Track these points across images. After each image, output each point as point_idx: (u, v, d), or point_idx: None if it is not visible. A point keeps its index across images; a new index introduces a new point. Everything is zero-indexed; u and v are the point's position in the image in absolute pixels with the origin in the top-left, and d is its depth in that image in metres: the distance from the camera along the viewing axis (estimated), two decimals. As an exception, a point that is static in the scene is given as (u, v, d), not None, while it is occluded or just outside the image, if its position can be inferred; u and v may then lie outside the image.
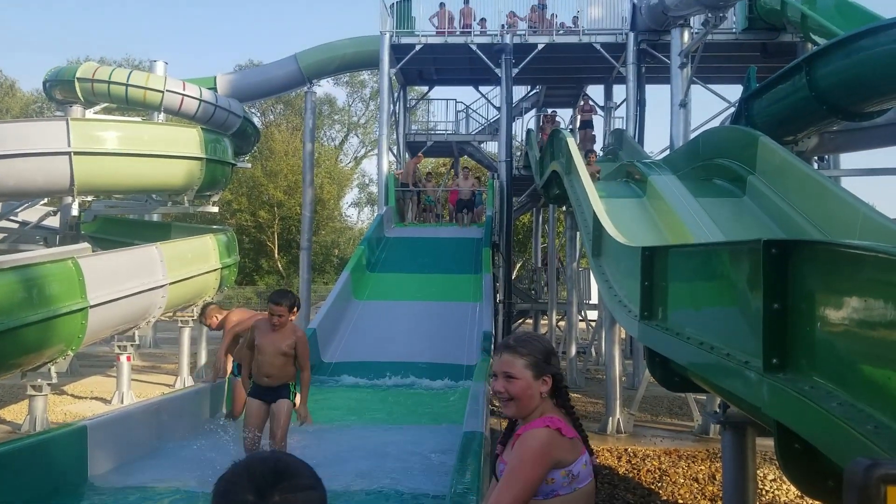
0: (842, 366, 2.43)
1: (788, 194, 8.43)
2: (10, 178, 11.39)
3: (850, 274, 2.44)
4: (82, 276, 8.62)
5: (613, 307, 6.29)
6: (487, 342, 11.19)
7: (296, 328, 5.84)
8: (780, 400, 2.64)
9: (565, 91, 24.35)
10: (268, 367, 5.65)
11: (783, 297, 2.80)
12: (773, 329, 2.80)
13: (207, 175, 13.54)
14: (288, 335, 5.66)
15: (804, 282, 2.72)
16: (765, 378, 2.78)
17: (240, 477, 1.21)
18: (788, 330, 2.79)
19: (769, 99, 11.46)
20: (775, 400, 2.69)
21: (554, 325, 18.36)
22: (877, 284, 2.24)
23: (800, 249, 2.77)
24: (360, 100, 49.97)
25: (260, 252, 44.71)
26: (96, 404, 10.73)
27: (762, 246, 2.85)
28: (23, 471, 4.43)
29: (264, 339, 5.66)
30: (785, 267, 2.82)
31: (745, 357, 3.11)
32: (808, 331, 2.66)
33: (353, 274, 13.33)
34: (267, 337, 5.65)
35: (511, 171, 19.57)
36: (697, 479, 7.35)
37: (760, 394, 2.83)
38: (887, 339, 2.15)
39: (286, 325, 5.67)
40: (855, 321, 2.37)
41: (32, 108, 43.75)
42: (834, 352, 2.50)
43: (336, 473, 5.35)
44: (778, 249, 2.82)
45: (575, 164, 9.47)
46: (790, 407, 2.57)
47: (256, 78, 22.25)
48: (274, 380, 5.70)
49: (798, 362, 2.74)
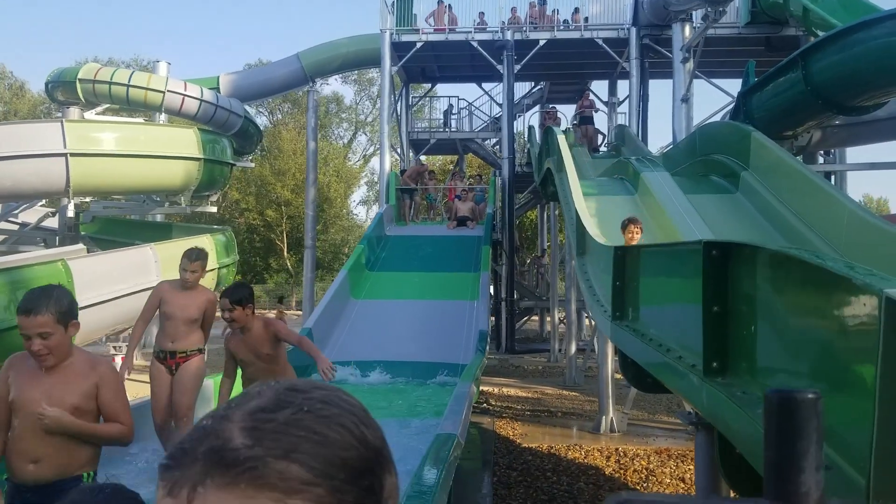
0: (770, 372, 2.37)
1: (780, 190, 8.34)
2: (7, 179, 11.45)
3: (780, 279, 2.38)
4: (71, 278, 8.65)
5: (591, 306, 6.24)
6: (483, 341, 11.15)
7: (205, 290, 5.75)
8: (715, 405, 2.59)
9: (569, 87, 24.24)
10: None
11: (723, 300, 2.74)
12: (714, 332, 2.75)
13: (205, 175, 13.57)
14: None
15: (742, 285, 2.66)
16: (704, 382, 2.73)
17: None
18: (729, 333, 2.74)
19: (767, 94, 11.36)
20: (711, 405, 2.64)
21: (556, 322, 18.28)
22: (802, 291, 2.18)
23: (740, 252, 2.71)
24: (368, 98, 50.01)
25: (269, 251, 44.91)
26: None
27: (702, 247, 2.80)
28: None
29: None
30: (726, 269, 2.76)
31: (693, 360, 3.06)
32: (745, 335, 2.61)
33: (351, 273, 13.31)
34: None
35: (513, 167, 19.53)
36: (684, 479, 7.28)
37: (701, 398, 2.78)
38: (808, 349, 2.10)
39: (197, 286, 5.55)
40: (782, 327, 2.31)
41: (41, 109, 44.07)
42: (765, 358, 2.45)
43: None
44: (718, 251, 2.77)
45: (564, 161, 9.41)
46: (723, 413, 2.52)
47: (259, 77, 22.30)
48: None
49: (738, 367, 2.69)
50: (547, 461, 8.03)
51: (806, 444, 0.74)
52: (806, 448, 0.74)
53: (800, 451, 0.75)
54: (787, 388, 0.77)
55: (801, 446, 0.75)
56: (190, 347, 5.57)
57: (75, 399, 2.96)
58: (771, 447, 0.75)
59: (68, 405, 2.94)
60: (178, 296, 5.51)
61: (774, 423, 0.76)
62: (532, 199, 23.98)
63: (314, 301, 19.33)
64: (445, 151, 29.12)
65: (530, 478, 7.35)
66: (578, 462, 8.05)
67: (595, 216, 8.50)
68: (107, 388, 3.05)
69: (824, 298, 1.98)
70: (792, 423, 0.75)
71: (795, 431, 0.75)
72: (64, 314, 2.87)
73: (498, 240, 18.81)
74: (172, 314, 5.49)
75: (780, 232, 7.82)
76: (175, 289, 5.56)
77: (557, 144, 10.33)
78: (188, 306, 5.49)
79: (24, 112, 44.88)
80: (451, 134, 23.38)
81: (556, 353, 17.61)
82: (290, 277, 43.22)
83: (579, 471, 7.65)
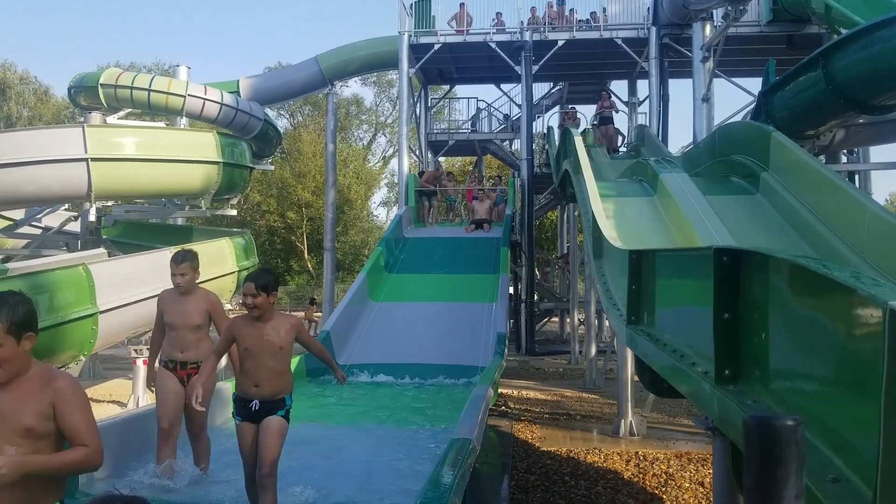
0: (780, 381, 2.34)
1: (800, 191, 8.23)
2: (30, 184, 11.59)
3: (790, 288, 2.34)
4: (92, 282, 8.74)
5: (608, 309, 6.20)
6: (501, 344, 11.13)
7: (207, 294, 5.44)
8: (727, 413, 2.56)
9: (588, 87, 24.14)
10: None
11: (734, 307, 2.71)
12: (725, 339, 2.72)
13: (224, 178, 13.65)
14: None
15: (753, 292, 2.63)
16: (716, 390, 2.70)
17: None
18: (741, 341, 2.71)
19: (787, 93, 11.22)
20: (723, 413, 2.61)
21: (576, 323, 18.22)
22: (811, 300, 2.15)
23: (750, 259, 2.68)
24: (388, 99, 50.10)
25: (290, 253, 45.13)
26: (113, 408, 10.89)
27: (713, 254, 2.77)
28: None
29: None
30: (737, 276, 2.73)
31: (705, 367, 3.03)
32: (756, 343, 2.58)
33: (370, 275, 13.34)
34: None
35: (532, 168, 19.48)
36: (703, 483, 7.22)
37: (713, 406, 2.75)
38: (816, 359, 2.07)
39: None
40: (792, 336, 2.28)
41: (64, 113, 44.61)
42: (776, 367, 2.41)
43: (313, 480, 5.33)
44: (729, 258, 2.74)
45: (581, 163, 9.36)
46: (735, 421, 2.49)
47: (278, 80, 22.41)
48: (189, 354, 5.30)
49: (750, 375, 2.65)
50: (565, 465, 7.99)
51: (785, 473, 0.73)
52: (785, 476, 0.73)
53: (780, 479, 0.73)
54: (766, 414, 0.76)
55: (780, 474, 0.73)
56: (202, 357, 5.18)
57: (29, 420, 2.56)
58: (750, 475, 0.74)
59: (20, 428, 2.55)
60: (177, 302, 5.26)
61: (754, 450, 0.75)
62: (552, 200, 23.91)
63: (334, 303, 19.40)
64: (464, 153, 29.11)
65: (548, 482, 7.32)
66: (597, 466, 8.01)
67: (612, 218, 8.44)
68: (65, 404, 2.61)
69: (832, 308, 1.95)
70: (772, 450, 0.73)
71: (775, 459, 0.73)
72: (17, 324, 2.52)
73: (517, 241, 18.78)
74: (174, 323, 5.24)
75: (800, 234, 7.72)
76: (173, 296, 5.30)
77: (575, 146, 10.28)
78: (189, 312, 5.21)
79: (48, 117, 45.47)
80: (470, 135, 23.37)
81: (576, 355, 17.54)
82: (311, 279, 43.41)
83: (598, 475, 7.61)
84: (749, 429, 0.74)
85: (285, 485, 5.26)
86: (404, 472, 5.77)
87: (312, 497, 4.93)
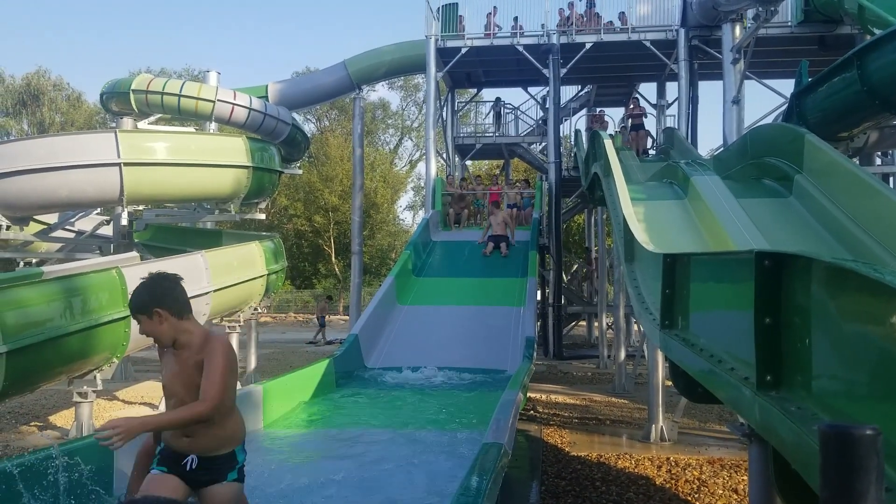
0: (825, 387, 2.29)
1: (835, 194, 8.10)
2: (63, 189, 11.77)
3: (836, 292, 2.30)
4: (125, 285, 8.83)
5: (640, 314, 6.14)
6: (530, 348, 11.08)
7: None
8: (768, 419, 2.52)
9: (616, 90, 24.02)
10: None
11: (776, 311, 2.66)
12: (766, 345, 2.67)
13: (254, 183, 13.76)
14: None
15: (796, 297, 2.58)
16: (757, 396, 2.66)
17: None
18: (783, 346, 2.66)
19: (821, 94, 11.08)
20: (765, 419, 2.57)
21: (605, 328, 18.09)
22: (859, 306, 2.11)
23: (793, 263, 2.63)
24: (414, 103, 50.25)
25: (318, 256, 45.38)
26: (145, 410, 11.00)
27: (754, 257, 2.72)
28: (47, 479, 4.51)
29: None
30: (779, 280, 2.68)
31: (745, 372, 2.98)
32: (799, 348, 2.53)
33: (398, 279, 13.35)
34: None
35: (560, 172, 19.41)
36: (737, 490, 7.11)
37: (754, 412, 2.71)
38: (864, 364, 2.02)
39: None
40: (837, 341, 2.23)
41: (96, 119, 45.28)
42: (820, 372, 2.37)
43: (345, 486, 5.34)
44: (771, 262, 2.69)
45: (611, 166, 9.30)
46: (777, 428, 2.44)
47: (307, 85, 22.56)
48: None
49: (792, 380, 2.61)
50: (596, 470, 7.93)
51: (865, 484, 0.71)
52: (865, 488, 0.71)
53: (859, 490, 0.71)
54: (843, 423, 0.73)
55: (860, 486, 0.71)
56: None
57: None
58: (828, 486, 0.72)
59: None
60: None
61: (832, 461, 0.72)
62: (579, 204, 23.80)
63: (361, 306, 19.45)
64: (491, 156, 29.09)
65: (579, 487, 7.27)
66: (628, 471, 7.93)
67: (643, 222, 8.38)
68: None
69: (882, 313, 1.90)
70: (850, 460, 0.71)
71: (854, 470, 0.71)
72: None
73: (545, 245, 18.70)
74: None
75: (835, 237, 7.60)
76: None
77: (604, 149, 10.22)
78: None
79: (80, 122, 46.18)
80: (497, 139, 23.35)
81: (604, 360, 17.42)
82: (339, 282, 43.58)
83: (629, 480, 7.54)
84: (827, 439, 0.72)
85: (316, 488, 5.28)
86: (435, 476, 5.75)
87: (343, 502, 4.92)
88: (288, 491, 5.36)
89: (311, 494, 5.20)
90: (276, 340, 24.80)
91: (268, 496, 5.20)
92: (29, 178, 11.66)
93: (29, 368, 7.21)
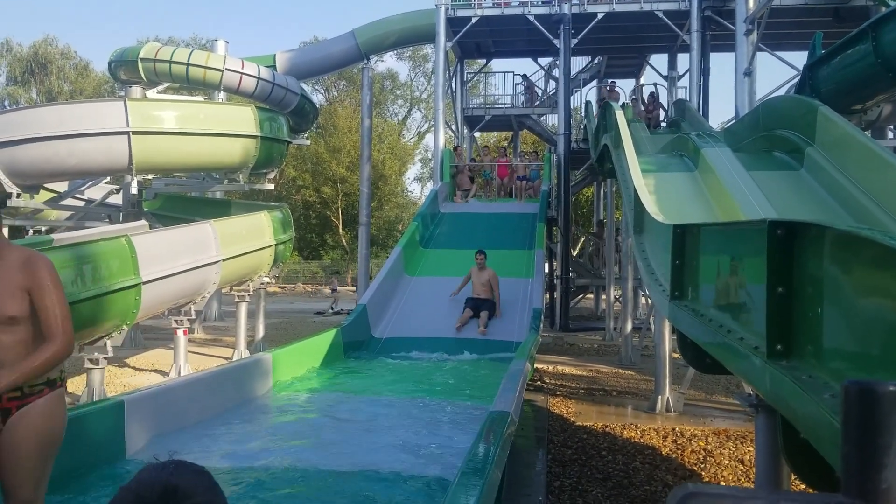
0: (836, 356, 2.29)
1: (848, 167, 8.04)
2: (73, 157, 11.78)
3: (850, 260, 2.29)
4: (135, 254, 8.87)
5: (649, 285, 6.14)
6: (537, 319, 11.12)
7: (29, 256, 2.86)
8: (779, 388, 2.52)
9: (627, 61, 23.80)
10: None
11: (788, 280, 2.66)
12: (778, 314, 2.67)
13: (263, 153, 13.74)
14: None
15: (808, 266, 2.57)
16: (767, 365, 2.66)
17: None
18: (794, 315, 2.66)
19: (834, 67, 10.97)
20: (775, 388, 2.57)
21: (612, 300, 18.10)
22: (873, 274, 2.10)
23: (806, 231, 2.62)
24: (423, 74, 49.98)
25: (325, 227, 45.45)
26: (155, 376, 11.09)
27: (767, 227, 2.71)
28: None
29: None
30: (791, 249, 2.67)
31: (755, 342, 2.98)
32: (811, 317, 2.53)
33: (406, 250, 13.37)
34: None
35: (569, 144, 19.30)
36: (743, 460, 7.15)
37: (764, 381, 2.71)
38: (878, 333, 2.02)
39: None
40: (850, 310, 2.23)
41: (104, 88, 45.17)
42: (832, 341, 2.36)
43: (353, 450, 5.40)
44: (784, 231, 2.68)
45: (622, 137, 9.24)
46: (787, 396, 2.45)
47: (315, 55, 22.41)
48: None
49: (803, 350, 2.60)
50: (602, 440, 7.98)
51: (888, 439, 0.71)
52: (888, 443, 0.71)
53: (881, 446, 0.71)
54: (866, 379, 0.73)
55: (882, 441, 0.71)
56: (28, 379, 2.79)
57: None
58: (850, 441, 0.72)
59: None
60: None
61: (854, 417, 0.72)
62: (588, 176, 23.69)
63: (369, 278, 19.51)
64: (500, 128, 28.93)
65: (585, 456, 7.32)
66: (634, 441, 7.98)
67: (653, 193, 8.34)
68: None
69: None
70: (873, 416, 0.71)
71: (877, 426, 0.71)
72: None
73: (553, 217, 18.66)
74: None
75: (846, 210, 7.56)
76: None
77: (615, 120, 10.15)
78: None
79: (88, 91, 46.12)
80: (507, 110, 23.20)
81: (611, 332, 17.46)
82: (346, 254, 43.68)
83: (635, 450, 7.59)
84: (849, 395, 0.72)
85: (323, 453, 5.33)
86: (443, 444, 5.81)
87: (351, 469, 4.97)
88: (292, 451, 5.43)
89: (315, 455, 5.25)
90: (284, 311, 24.93)
91: (273, 455, 5.26)
92: (39, 146, 11.67)
93: (40, 335, 7.25)
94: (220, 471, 4.82)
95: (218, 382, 6.86)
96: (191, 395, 6.30)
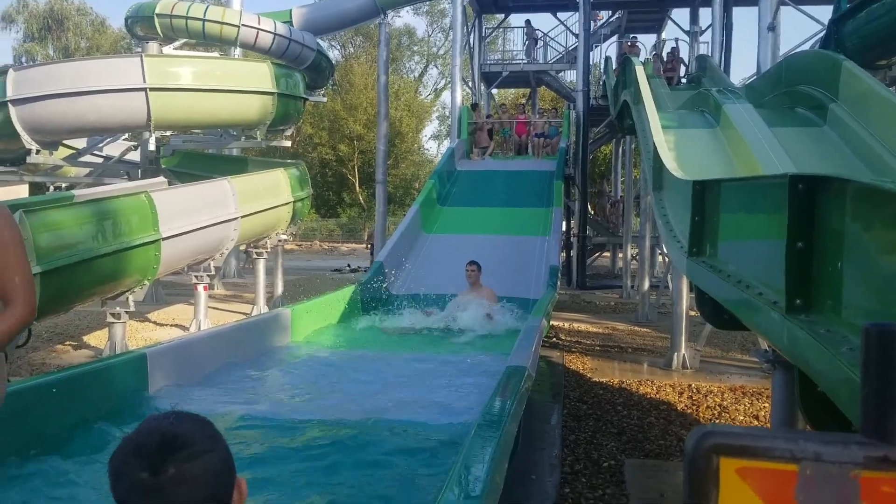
0: (856, 311, 2.29)
1: (872, 123, 7.92)
2: (91, 113, 11.80)
3: (871, 214, 2.27)
4: (155, 210, 8.94)
5: (667, 242, 6.12)
6: (554, 277, 11.12)
7: None
8: (797, 343, 2.53)
9: (648, 16, 23.38)
10: None
11: (808, 235, 2.64)
12: (797, 269, 2.66)
13: (279, 109, 13.69)
14: None
15: (830, 220, 2.55)
16: (786, 319, 2.66)
17: (129, 455, 1.17)
18: (814, 270, 2.65)
19: (860, 20, 10.74)
20: (793, 343, 2.58)
21: (629, 258, 18.07)
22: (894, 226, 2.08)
23: (827, 185, 2.60)
24: (440, 30, 49.38)
25: (342, 185, 45.46)
26: (175, 331, 11.26)
27: (788, 181, 2.69)
28: (84, 394, 4.67)
29: None
30: (812, 204, 2.65)
31: (774, 297, 2.98)
32: (831, 272, 2.52)
33: (423, 208, 13.37)
34: None
35: (588, 101, 19.10)
36: (758, 416, 7.19)
37: (782, 336, 2.71)
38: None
39: None
40: (871, 265, 2.22)
41: (121, 44, 45.03)
42: (851, 296, 2.36)
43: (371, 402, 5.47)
44: (805, 185, 2.66)
45: (642, 93, 9.13)
46: (805, 351, 2.45)
47: (331, 10, 22.14)
48: None
49: (822, 304, 2.60)
50: (617, 395, 8.05)
51: (906, 380, 0.71)
52: (906, 383, 0.71)
53: (899, 386, 0.72)
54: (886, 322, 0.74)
55: (900, 381, 0.72)
56: None
57: None
58: (868, 382, 0.73)
59: None
60: None
61: (873, 358, 0.73)
62: (607, 134, 23.48)
63: (386, 235, 19.53)
64: (518, 84, 28.62)
65: (600, 411, 7.39)
66: (650, 397, 8.04)
67: (673, 150, 8.26)
68: None
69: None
70: (892, 357, 0.72)
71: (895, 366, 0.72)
72: None
73: (571, 175, 18.55)
74: None
75: (869, 166, 7.47)
76: None
77: (635, 75, 10.02)
78: None
79: (105, 47, 45.99)
80: (525, 66, 22.92)
81: (628, 290, 17.46)
82: (363, 211, 43.73)
83: (650, 406, 7.65)
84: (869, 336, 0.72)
85: (342, 405, 5.41)
86: (460, 398, 5.87)
87: (367, 420, 5.03)
88: (308, 402, 5.53)
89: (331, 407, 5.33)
90: (302, 268, 25.10)
91: (287, 406, 5.36)
92: (57, 102, 11.69)
93: (62, 289, 7.37)
94: (234, 420, 4.91)
95: (238, 336, 6.96)
96: (211, 348, 6.40)
